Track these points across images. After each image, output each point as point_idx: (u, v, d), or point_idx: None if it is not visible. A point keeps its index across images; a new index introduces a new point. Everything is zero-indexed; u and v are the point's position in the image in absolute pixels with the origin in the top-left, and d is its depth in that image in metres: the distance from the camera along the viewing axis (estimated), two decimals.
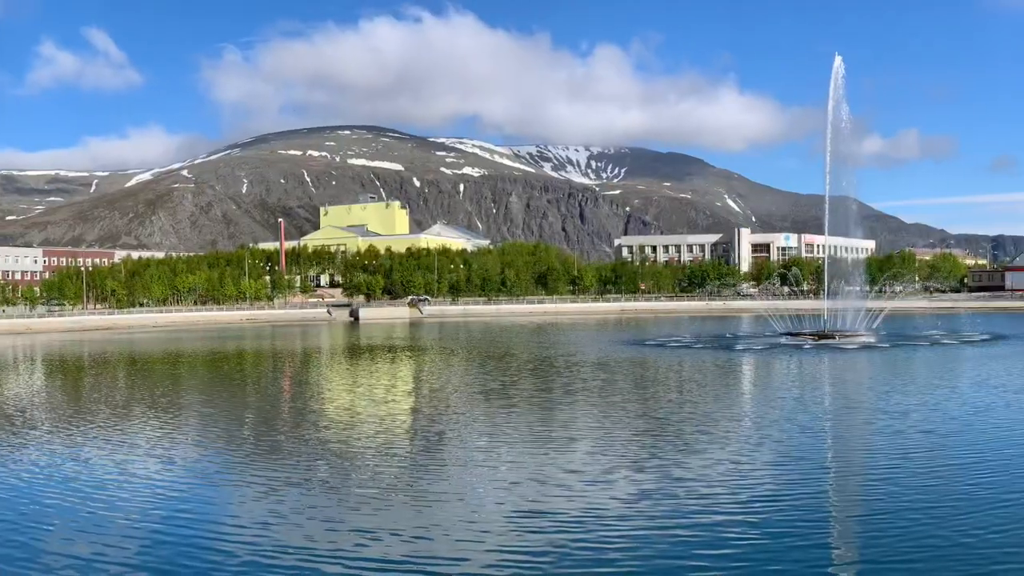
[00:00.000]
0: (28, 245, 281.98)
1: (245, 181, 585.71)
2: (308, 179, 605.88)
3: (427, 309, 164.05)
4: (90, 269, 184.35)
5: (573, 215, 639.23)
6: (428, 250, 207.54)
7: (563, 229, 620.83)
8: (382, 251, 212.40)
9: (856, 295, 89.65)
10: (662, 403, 38.97)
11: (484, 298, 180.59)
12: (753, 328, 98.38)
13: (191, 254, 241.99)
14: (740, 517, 19.24)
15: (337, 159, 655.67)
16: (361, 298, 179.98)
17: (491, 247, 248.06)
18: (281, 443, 30.39)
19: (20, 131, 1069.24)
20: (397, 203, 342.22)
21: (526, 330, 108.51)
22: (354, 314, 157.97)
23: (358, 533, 18.72)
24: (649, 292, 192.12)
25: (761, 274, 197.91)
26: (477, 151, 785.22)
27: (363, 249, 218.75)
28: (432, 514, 20.24)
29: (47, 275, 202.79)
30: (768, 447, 27.28)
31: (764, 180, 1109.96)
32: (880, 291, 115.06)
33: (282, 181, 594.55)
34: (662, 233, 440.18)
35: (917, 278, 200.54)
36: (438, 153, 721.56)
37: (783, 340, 73.92)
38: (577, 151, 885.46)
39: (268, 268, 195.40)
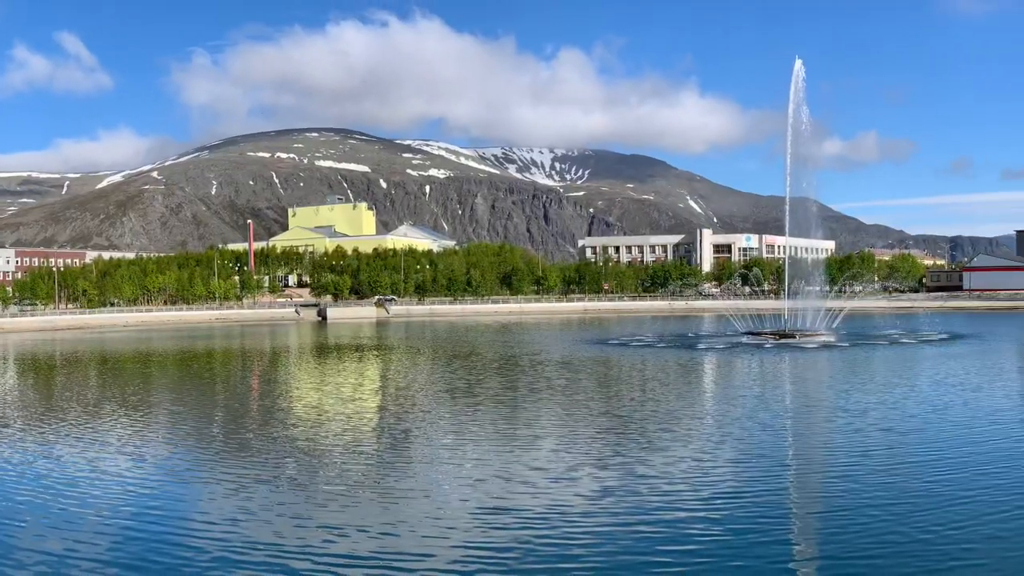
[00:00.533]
0: (0, 246, 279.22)
1: (214, 183, 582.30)
2: (276, 181, 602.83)
3: (394, 309, 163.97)
4: (62, 269, 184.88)
5: (537, 216, 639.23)
6: (394, 251, 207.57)
7: (528, 230, 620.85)
8: (349, 252, 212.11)
9: (816, 295, 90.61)
10: (625, 401, 39.26)
11: (450, 298, 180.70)
12: (715, 327, 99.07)
13: (161, 255, 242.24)
14: (702, 514, 19.48)
15: (305, 161, 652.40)
16: (329, 298, 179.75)
17: (457, 248, 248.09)
18: (250, 441, 30.51)
19: None
20: (364, 204, 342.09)
21: (491, 330, 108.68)
22: (322, 314, 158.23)
23: (326, 529, 18.86)
24: (612, 292, 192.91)
25: (723, 274, 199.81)
26: (443, 153, 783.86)
27: (331, 250, 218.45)
28: (398, 511, 20.38)
29: (19, 275, 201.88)
30: (730, 445, 27.58)
31: (725, 182, 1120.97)
32: (840, 291, 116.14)
33: (251, 183, 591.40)
34: (625, 234, 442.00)
35: (876, 278, 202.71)
36: (404, 155, 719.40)
37: (744, 339, 74.50)
38: (541, 153, 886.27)
39: (237, 268, 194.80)
